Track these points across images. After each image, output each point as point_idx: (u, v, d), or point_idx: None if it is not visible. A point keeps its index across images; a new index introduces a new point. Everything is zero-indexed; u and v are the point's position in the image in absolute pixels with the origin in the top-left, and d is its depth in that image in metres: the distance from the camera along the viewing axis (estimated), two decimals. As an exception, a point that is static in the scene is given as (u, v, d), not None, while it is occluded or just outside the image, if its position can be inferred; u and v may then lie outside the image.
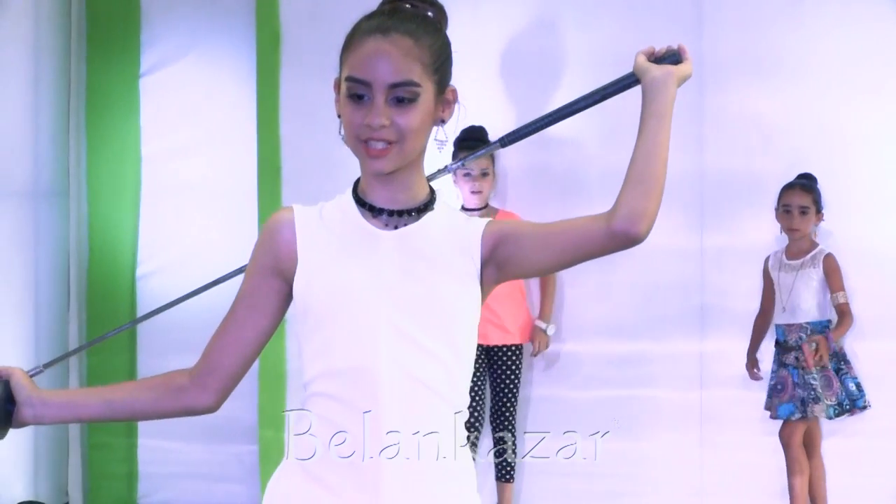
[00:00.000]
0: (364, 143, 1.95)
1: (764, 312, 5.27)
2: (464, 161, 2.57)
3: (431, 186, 2.07)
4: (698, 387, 5.40)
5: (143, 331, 5.78)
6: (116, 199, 5.85)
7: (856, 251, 5.22)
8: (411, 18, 1.97)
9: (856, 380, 5.09)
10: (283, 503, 1.99)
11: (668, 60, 2.05)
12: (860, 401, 5.08)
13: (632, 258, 5.19)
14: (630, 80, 2.08)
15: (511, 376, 5.27)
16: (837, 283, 5.11)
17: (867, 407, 5.08)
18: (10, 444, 2.21)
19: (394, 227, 2.01)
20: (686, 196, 5.31)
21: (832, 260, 5.13)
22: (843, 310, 5.08)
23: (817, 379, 5.02)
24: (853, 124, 5.30)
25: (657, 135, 1.95)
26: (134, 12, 5.84)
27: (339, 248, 2.00)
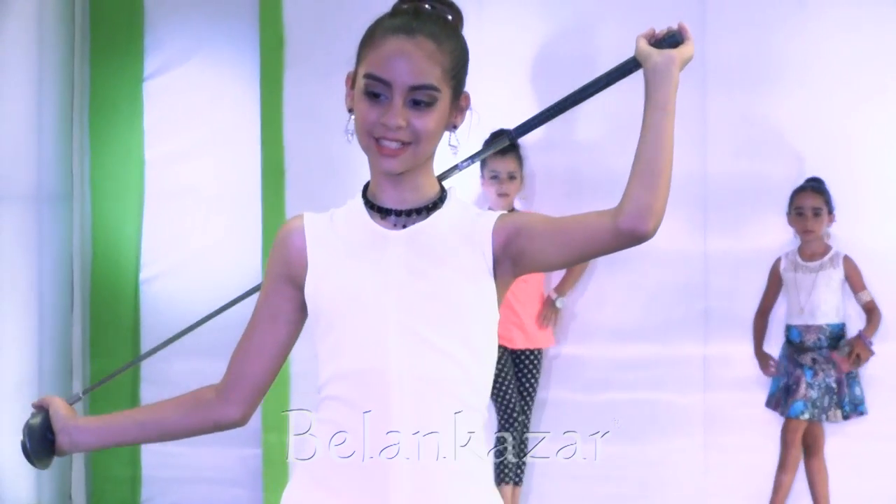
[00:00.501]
0: (376, 141, 1.94)
1: (764, 312, 5.28)
2: (473, 159, 2.55)
3: (443, 185, 2.06)
4: (702, 390, 5.40)
5: (147, 334, 5.77)
6: (120, 203, 5.84)
7: (860, 254, 5.22)
8: (435, 21, 1.96)
9: (860, 385, 5.11)
10: None
11: (669, 41, 2.00)
12: (862, 406, 5.10)
13: (635, 261, 5.23)
14: (630, 66, 2.04)
15: (532, 380, 5.29)
16: (860, 283, 5.14)
17: (865, 413, 5.11)
18: (14, 447, 2.21)
19: (402, 227, 1.99)
20: (689, 199, 5.30)
21: (851, 260, 5.16)
22: (871, 307, 5.12)
23: (835, 383, 5.04)
24: (857, 127, 5.30)
25: (661, 125, 1.91)
26: (137, 16, 5.84)
27: (348, 251, 1.99)
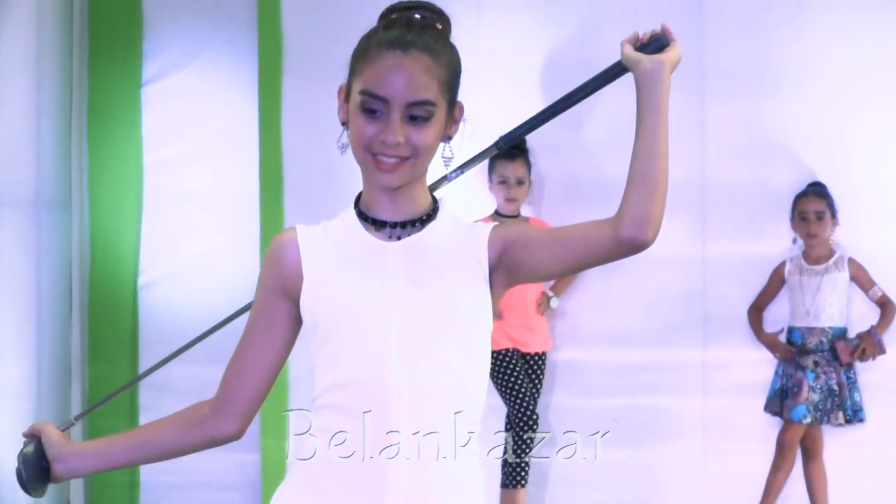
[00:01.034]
0: (373, 156, 1.93)
1: (758, 308, 5.30)
2: (463, 169, 2.55)
3: (434, 196, 2.06)
4: (701, 395, 5.40)
5: (145, 340, 5.77)
6: (118, 209, 5.84)
7: (860, 259, 5.22)
8: (428, 33, 1.95)
9: (860, 392, 5.11)
10: None
11: (654, 45, 1.99)
12: (861, 412, 5.10)
13: (634, 267, 5.22)
14: (617, 70, 2.04)
15: (537, 382, 5.29)
16: (868, 280, 5.17)
17: (864, 420, 5.11)
18: (12, 453, 2.21)
19: (397, 239, 1.99)
20: (688, 204, 5.30)
21: (856, 261, 5.19)
22: (884, 300, 5.15)
23: (837, 386, 5.04)
24: (856, 132, 5.31)
25: (656, 130, 1.90)
26: (136, 22, 5.84)
27: (344, 262, 1.98)
